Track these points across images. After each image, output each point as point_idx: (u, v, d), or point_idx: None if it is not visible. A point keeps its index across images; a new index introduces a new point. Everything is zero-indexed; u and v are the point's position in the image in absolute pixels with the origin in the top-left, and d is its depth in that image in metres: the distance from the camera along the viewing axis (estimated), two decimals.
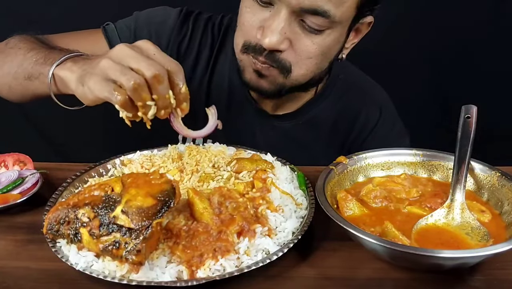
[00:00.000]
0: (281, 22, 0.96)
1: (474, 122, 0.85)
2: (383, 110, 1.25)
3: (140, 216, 0.69)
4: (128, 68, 0.78)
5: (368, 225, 0.80)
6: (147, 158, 0.98)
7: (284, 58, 1.01)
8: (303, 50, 1.01)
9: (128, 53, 0.79)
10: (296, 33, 0.99)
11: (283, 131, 1.20)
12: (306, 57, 1.02)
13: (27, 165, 1.02)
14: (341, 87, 1.23)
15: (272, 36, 0.97)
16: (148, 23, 1.20)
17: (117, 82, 0.77)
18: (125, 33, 1.18)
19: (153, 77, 0.77)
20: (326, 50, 1.03)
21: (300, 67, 1.04)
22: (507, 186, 0.85)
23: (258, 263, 0.72)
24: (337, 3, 0.95)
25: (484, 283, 0.74)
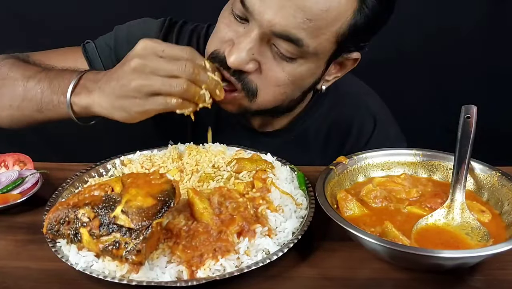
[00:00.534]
0: (251, 42, 0.91)
1: (474, 122, 0.85)
2: (378, 120, 1.20)
3: (140, 216, 0.69)
4: (165, 78, 0.84)
5: (368, 225, 0.80)
6: (147, 158, 0.98)
7: (251, 80, 0.96)
8: (271, 76, 0.95)
9: (149, 64, 0.84)
10: (266, 57, 0.94)
11: (273, 148, 1.11)
12: (274, 84, 0.97)
13: (27, 165, 1.02)
14: (332, 98, 1.18)
15: (238, 54, 0.91)
16: (128, 39, 1.15)
17: (163, 93, 0.84)
18: (105, 51, 1.16)
19: (192, 74, 0.84)
20: (297, 80, 0.98)
21: (267, 93, 0.98)
22: (507, 186, 0.85)
23: (258, 263, 0.72)
24: (312, 33, 0.89)
25: (484, 283, 0.74)
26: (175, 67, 0.84)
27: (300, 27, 0.88)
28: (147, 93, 0.85)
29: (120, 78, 0.86)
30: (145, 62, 0.84)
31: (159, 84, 0.84)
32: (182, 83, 0.84)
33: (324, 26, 0.90)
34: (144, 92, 0.84)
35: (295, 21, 0.88)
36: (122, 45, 1.16)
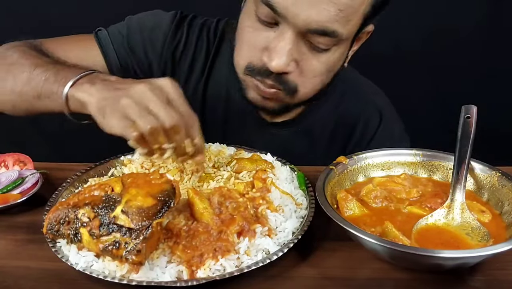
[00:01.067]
0: (288, 44, 0.93)
1: (474, 122, 0.85)
2: (383, 117, 1.22)
3: (140, 216, 0.69)
4: (146, 111, 0.78)
5: (368, 225, 0.80)
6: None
7: (291, 80, 0.99)
8: (309, 70, 0.99)
9: (149, 96, 0.79)
10: (303, 53, 0.96)
11: (282, 139, 1.17)
12: (312, 76, 1.01)
13: (27, 165, 1.02)
14: (341, 92, 1.20)
15: (279, 59, 0.93)
16: (140, 29, 1.17)
17: (135, 122, 0.78)
18: (118, 39, 1.16)
19: (171, 128, 0.77)
20: (331, 66, 1.02)
21: (306, 87, 1.02)
22: (507, 186, 0.85)
23: (258, 263, 0.72)
24: (344, 22, 0.92)
25: (484, 283, 0.74)
26: (163, 112, 0.78)
27: (334, 20, 0.91)
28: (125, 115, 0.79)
29: (120, 90, 0.82)
30: (148, 93, 0.79)
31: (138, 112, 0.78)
32: (154, 123, 0.77)
33: (353, 13, 0.93)
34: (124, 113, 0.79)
35: (329, 14, 0.90)
36: (134, 33, 1.16)
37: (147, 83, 0.80)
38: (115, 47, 1.15)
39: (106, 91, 0.84)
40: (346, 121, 1.21)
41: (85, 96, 0.86)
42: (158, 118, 0.77)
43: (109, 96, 0.82)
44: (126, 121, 0.78)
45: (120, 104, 0.79)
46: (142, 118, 0.77)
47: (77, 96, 0.88)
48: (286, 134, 1.19)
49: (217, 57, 1.19)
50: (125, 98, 0.79)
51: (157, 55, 1.17)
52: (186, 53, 1.18)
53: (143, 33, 1.17)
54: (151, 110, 0.78)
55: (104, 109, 0.81)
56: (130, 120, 0.78)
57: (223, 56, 1.18)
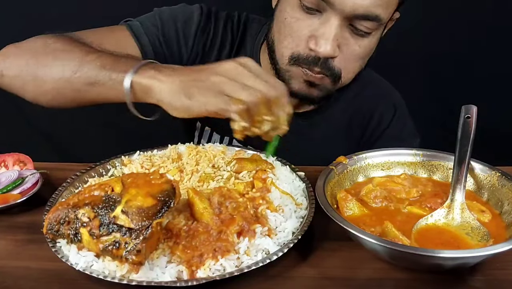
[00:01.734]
0: (334, 30, 0.97)
1: (474, 122, 0.85)
2: (398, 109, 1.26)
3: (140, 216, 0.69)
4: (246, 85, 0.79)
5: (368, 225, 0.80)
6: (147, 158, 0.98)
7: (336, 65, 1.03)
8: (351, 54, 1.02)
9: (240, 71, 0.81)
10: (346, 38, 1.00)
11: (299, 130, 1.16)
12: (354, 60, 1.04)
13: (27, 165, 1.02)
14: (358, 85, 1.23)
15: (327, 44, 0.97)
16: (174, 21, 1.17)
17: (235, 96, 0.78)
18: (152, 30, 1.15)
19: (274, 100, 0.80)
20: (370, 51, 1.06)
21: (349, 72, 1.06)
22: (507, 186, 0.85)
23: (258, 263, 0.72)
24: (385, 7, 0.97)
25: (484, 283, 0.74)
26: (261, 85, 0.80)
27: (378, 4, 0.95)
28: (221, 91, 0.79)
29: (202, 71, 0.83)
30: (240, 69, 0.81)
31: (238, 87, 0.79)
32: (259, 94, 0.79)
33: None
34: (219, 89, 0.79)
35: (374, 0, 0.94)
36: (168, 26, 1.17)
37: (234, 62, 0.82)
38: (150, 38, 1.14)
39: (181, 75, 0.83)
40: (363, 112, 1.25)
41: (153, 82, 0.84)
42: (260, 91, 0.79)
43: (190, 79, 0.82)
44: (224, 97, 0.79)
45: (211, 81, 0.80)
46: (245, 91, 0.78)
47: (144, 83, 0.85)
48: (304, 125, 1.22)
49: (240, 50, 1.22)
50: (216, 77, 0.80)
51: (189, 47, 1.19)
52: (213, 46, 1.21)
53: (176, 26, 1.18)
54: (248, 84, 0.79)
55: (189, 91, 0.80)
56: (226, 96, 0.79)
57: (246, 48, 1.22)
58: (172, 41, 1.17)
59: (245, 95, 0.78)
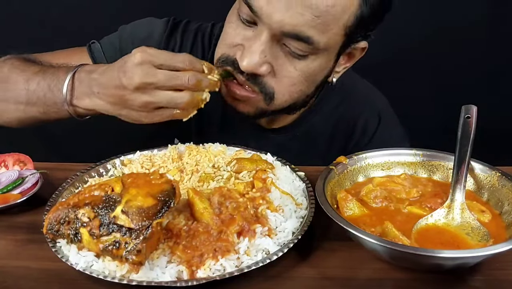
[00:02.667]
0: (262, 45, 0.92)
1: (474, 122, 0.85)
2: (382, 117, 1.22)
3: (140, 216, 0.69)
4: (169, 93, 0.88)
5: (368, 225, 0.80)
6: (147, 158, 0.98)
7: (267, 83, 0.97)
8: (285, 76, 0.97)
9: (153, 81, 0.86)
10: (278, 57, 0.95)
11: (280, 144, 1.15)
12: (289, 84, 0.98)
13: (27, 165, 1.02)
14: (338, 95, 1.19)
15: (251, 58, 0.92)
16: (132, 40, 1.16)
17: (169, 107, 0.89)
18: (111, 51, 1.16)
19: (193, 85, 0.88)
20: (310, 76, 0.99)
21: (283, 94, 0.99)
22: (507, 186, 0.85)
23: (258, 263, 0.72)
24: (321, 30, 0.90)
25: (484, 283, 0.74)
26: (178, 82, 0.87)
27: (309, 25, 0.89)
28: (153, 108, 0.89)
29: (123, 94, 0.88)
30: (146, 79, 0.85)
31: (165, 101, 0.87)
32: (187, 96, 0.88)
33: (332, 21, 0.90)
34: (151, 108, 0.88)
35: (304, 19, 0.88)
36: (126, 45, 1.16)
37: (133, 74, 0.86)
38: (108, 59, 1.15)
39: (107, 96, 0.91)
40: (345, 123, 1.21)
41: (93, 104, 0.94)
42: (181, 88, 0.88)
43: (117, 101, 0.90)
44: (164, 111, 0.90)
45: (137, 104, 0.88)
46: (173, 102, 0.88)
47: (86, 107, 0.96)
48: (284, 140, 1.19)
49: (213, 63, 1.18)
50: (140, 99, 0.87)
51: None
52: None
53: (134, 45, 1.10)
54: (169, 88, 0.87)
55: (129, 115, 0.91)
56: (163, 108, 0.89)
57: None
58: None
59: (179, 103, 0.88)
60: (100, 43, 1.18)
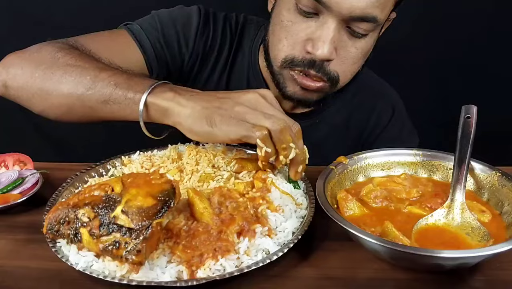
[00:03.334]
0: (331, 32, 0.96)
1: (474, 122, 0.85)
2: (396, 109, 1.27)
3: (140, 216, 0.69)
4: (268, 114, 0.83)
5: (368, 225, 0.80)
6: (147, 158, 0.98)
7: (332, 69, 1.02)
8: (348, 57, 1.02)
9: (262, 103, 0.84)
10: (342, 40, 1.00)
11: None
12: (351, 63, 1.04)
13: (27, 165, 1.02)
14: (355, 86, 1.23)
15: (324, 47, 0.97)
16: (173, 23, 1.17)
17: (258, 124, 0.82)
18: (153, 33, 1.15)
19: (297, 132, 0.85)
20: (367, 52, 1.05)
21: (346, 75, 1.06)
22: (508, 186, 0.85)
23: (258, 263, 0.72)
24: (382, 7, 0.96)
25: (484, 283, 0.74)
26: (280, 116, 0.84)
27: (374, 6, 0.95)
28: (243, 120, 0.82)
29: (225, 99, 0.85)
30: (261, 100, 0.85)
31: (261, 116, 0.82)
32: (283, 122, 0.82)
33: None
34: (242, 118, 0.82)
35: (371, 1, 0.94)
36: (168, 28, 1.17)
37: (255, 92, 0.85)
38: (151, 41, 1.14)
39: (202, 101, 0.85)
40: (361, 112, 1.26)
41: (172, 105, 0.85)
42: (282, 119, 0.83)
43: (210, 106, 0.83)
44: (246, 125, 0.81)
45: (235, 111, 0.82)
46: (268, 120, 0.82)
47: (162, 104, 0.86)
48: (304, 126, 1.20)
49: (238, 50, 1.23)
50: (239, 106, 0.83)
51: (190, 48, 1.19)
52: (212, 47, 1.21)
53: (176, 28, 1.18)
54: (269, 113, 0.83)
55: (211, 118, 0.82)
56: (249, 124, 0.81)
57: (244, 49, 1.23)
58: (172, 42, 1.17)
59: (269, 123, 0.81)
60: (139, 25, 1.15)
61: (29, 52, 1.00)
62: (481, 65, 1.96)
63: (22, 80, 0.95)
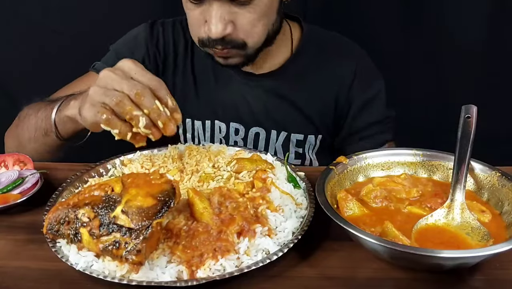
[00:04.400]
0: (217, 11, 1.03)
1: (474, 122, 0.85)
2: (359, 57, 1.31)
3: (140, 216, 0.69)
4: (111, 90, 0.84)
5: (368, 225, 0.80)
6: (147, 158, 0.98)
7: (235, 38, 1.08)
8: (246, 23, 1.07)
9: (111, 76, 0.85)
10: (233, 12, 1.05)
11: (272, 90, 1.27)
12: (252, 27, 1.08)
13: (27, 165, 1.02)
14: (316, 43, 1.29)
15: (216, 27, 1.03)
16: (124, 43, 1.31)
17: (102, 103, 0.84)
18: (112, 60, 1.22)
19: (136, 95, 0.82)
20: (265, 11, 1.08)
21: (253, 37, 1.10)
22: (507, 186, 0.85)
23: (258, 263, 0.72)
24: None
25: (484, 283, 0.74)
26: (125, 85, 0.84)
27: None
28: (93, 102, 0.85)
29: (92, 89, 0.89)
30: (110, 74, 0.86)
31: (103, 93, 0.84)
32: (118, 96, 0.83)
33: None
34: (93, 100, 0.85)
35: None
36: (122, 49, 1.31)
37: (108, 68, 0.87)
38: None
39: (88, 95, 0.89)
40: (327, 67, 1.28)
41: (72, 111, 0.96)
42: (121, 91, 0.83)
43: (86, 94, 0.88)
44: (95, 108, 0.85)
45: (88, 95, 0.86)
46: (106, 96, 0.83)
47: (68, 114, 0.98)
48: (276, 85, 1.28)
49: (194, 45, 1.27)
50: (91, 88, 0.86)
51: (142, 53, 1.29)
52: (167, 43, 1.31)
53: (128, 44, 1.30)
54: (115, 88, 0.84)
55: (80, 109, 0.90)
56: (98, 106, 0.84)
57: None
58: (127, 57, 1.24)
59: (107, 99, 0.83)
60: (103, 62, 1.28)
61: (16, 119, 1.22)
62: (482, 65, 1.96)
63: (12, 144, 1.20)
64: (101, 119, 0.83)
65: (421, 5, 1.84)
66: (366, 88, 1.28)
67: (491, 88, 1.95)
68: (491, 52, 1.94)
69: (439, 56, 1.97)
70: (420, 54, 1.98)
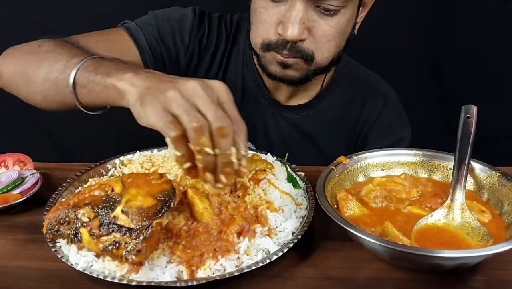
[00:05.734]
0: (299, 13, 1.00)
1: (474, 122, 0.85)
2: (387, 99, 1.30)
3: (140, 216, 0.69)
4: (194, 108, 0.71)
5: (368, 225, 0.80)
6: (147, 158, 0.98)
7: (306, 47, 1.06)
8: (322, 35, 1.05)
9: (199, 92, 0.72)
10: (313, 20, 1.03)
11: (294, 123, 1.27)
12: (326, 41, 1.07)
13: (27, 165, 1.02)
14: (347, 79, 1.28)
15: (293, 28, 1.01)
16: (168, 20, 1.22)
17: (178, 117, 0.70)
18: (148, 29, 1.18)
19: (218, 129, 0.70)
20: (342, 29, 1.08)
21: (322, 52, 1.08)
22: (507, 186, 0.85)
23: (258, 263, 0.72)
24: None
25: (484, 283, 0.74)
26: (213, 112, 0.71)
27: None
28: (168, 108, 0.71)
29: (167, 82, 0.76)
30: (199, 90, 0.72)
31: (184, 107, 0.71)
32: (201, 121, 0.70)
33: None
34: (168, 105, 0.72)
35: None
36: (163, 23, 1.21)
37: (199, 81, 0.74)
38: (147, 37, 1.17)
39: (150, 81, 0.77)
40: (354, 104, 1.29)
41: (127, 86, 0.78)
42: (205, 117, 0.70)
43: (153, 86, 0.75)
44: (168, 116, 0.71)
45: (165, 95, 0.72)
46: (188, 114, 0.70)
47: (118, 86, 0.80)
48: (298, 118, 1.28)
49: (234, 47, 1.27)
50: (172, 91, 0.72)
51: (185, 44, 1.23)
52: (209, 44, 1.26)
53: (171, 23, 1.22)
54: (199, 108, 0.71)
55: (144, 99, 0.73)
56: (172, 116, 0.70)
57: (239, 46, 1.27)
58: (167, 37, 1.20)
59: (187, 118, 0.69)
60: (135, 22, 1.20)
61: (24, 44, 1.05)
62: (482, 65, 1.96)
63: (12, 69, 1.01)
64: (169, 133, 0.69)
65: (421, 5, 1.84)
66: (389, 135, 1.27)
67: (491, 88, 1.95)
68: (491, 52, 1.94)
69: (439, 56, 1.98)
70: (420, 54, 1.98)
